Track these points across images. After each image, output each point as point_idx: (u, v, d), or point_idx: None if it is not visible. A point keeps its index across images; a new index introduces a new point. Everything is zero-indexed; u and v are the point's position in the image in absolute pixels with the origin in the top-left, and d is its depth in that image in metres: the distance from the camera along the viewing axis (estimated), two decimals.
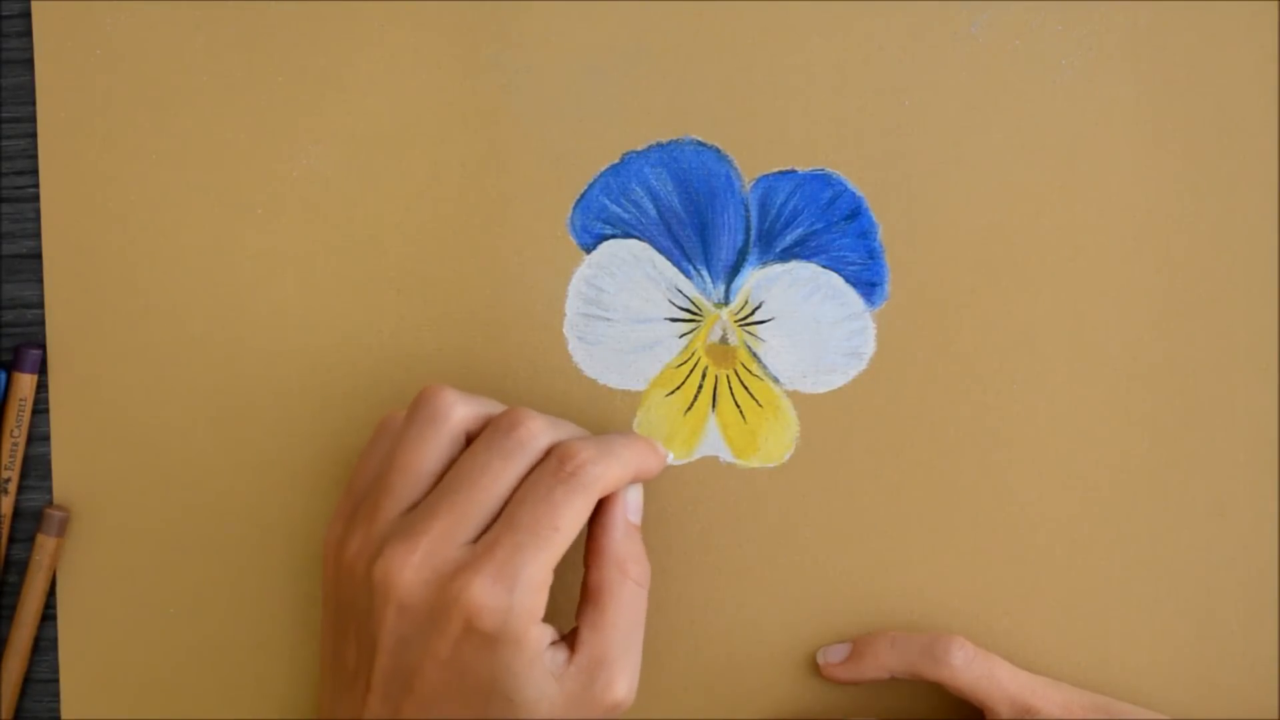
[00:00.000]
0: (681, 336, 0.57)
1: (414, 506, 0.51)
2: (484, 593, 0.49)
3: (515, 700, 0.49)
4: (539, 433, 0.51)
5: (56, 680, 0.57)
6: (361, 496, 0.52)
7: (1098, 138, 0.56)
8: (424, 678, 0.49)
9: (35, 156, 0.57)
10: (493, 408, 0.53)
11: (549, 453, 0.51)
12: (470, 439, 0.52)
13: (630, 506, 0.53)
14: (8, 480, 0.57)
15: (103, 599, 0.57)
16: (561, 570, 0.51)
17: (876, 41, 0.56)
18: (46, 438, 0.57)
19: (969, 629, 0.56)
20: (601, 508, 0.53)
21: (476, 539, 0.50)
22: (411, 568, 0.49)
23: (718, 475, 0.57)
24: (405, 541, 0.50)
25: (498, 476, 0.50)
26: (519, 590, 0.49)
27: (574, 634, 0.51)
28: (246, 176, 0.57)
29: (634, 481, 0.53)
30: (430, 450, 0.51)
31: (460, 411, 0.52)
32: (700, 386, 0.57)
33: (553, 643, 0.50)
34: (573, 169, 0.56)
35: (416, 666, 0.49)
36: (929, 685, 0.56)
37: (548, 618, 0.50)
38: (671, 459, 0.56)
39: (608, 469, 0.51)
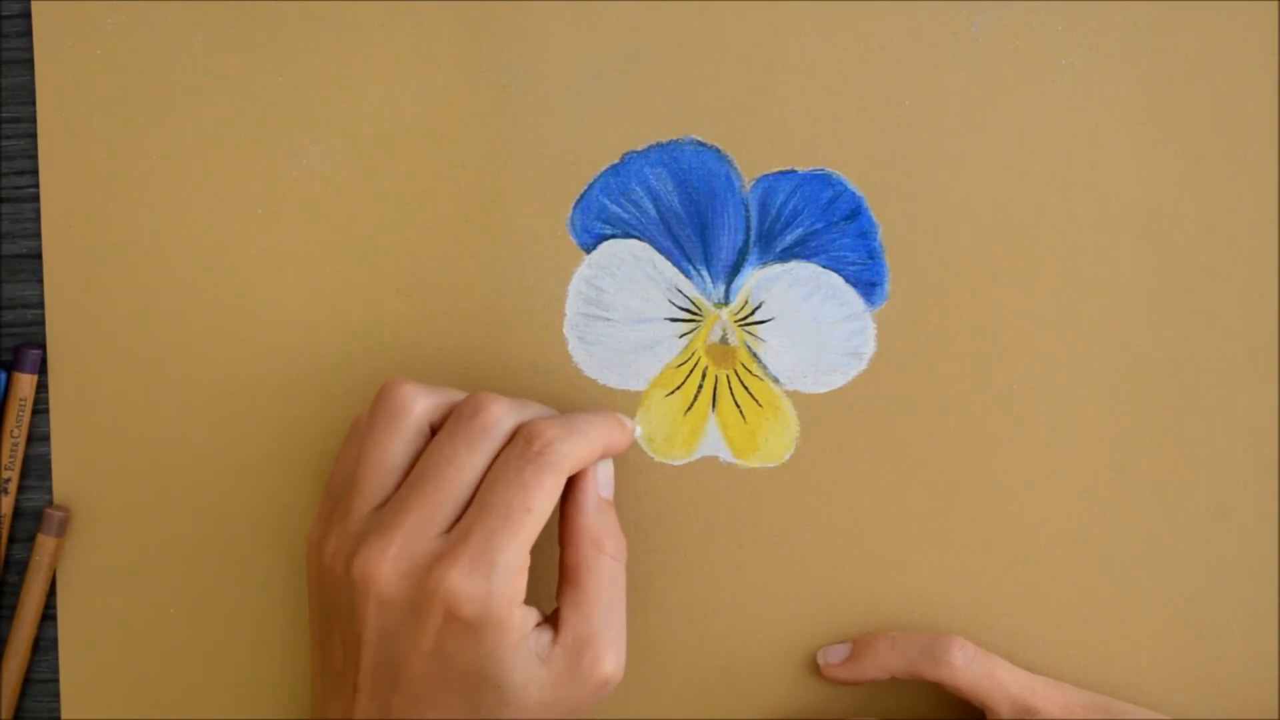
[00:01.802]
0: (681, 336, 0.57)
1: (386, 502, 0.51)
2: (462, 581, 0.49)
3: (504, 686, 0.49)
4: (502, 416, 0.51)
5: (56, 680, 0.57)
6: (337, 496, 0.53)
7: (1098, 138, 0.56)
8: (410, 671, 0.49)
9: (35, 156, 0.57)
10: (454, 396, 0.53)
11: (515, 434, 0.51)
12: (435, 429, 0.52)
13: (601, 481, 0.53)
14: (8, 480, 0.57)
15: (103, 599, 0.57)
16: (537, 552, 0.51)
17: (876, 41, 0.56)
18: (46, 438, 0.57)
19: (969, 629, 0.56)
20: (572, 485, 0.53)
21: (450, 528, 0.50)
22: (388, 562, 0.49)
23: (718, 475, 0.57)
24: (380, 537, 0.50)
25: (465, 464, 0.50)
26: (497, 575, 0.49)
27: (556, 615, 0.51)
28: (246, 176, 0.57)
29: (603, 457, 0.53)
30: (395, 445, 0.51)
31: (421, 404, 0.52)
32: (700, 386, 0.57)
33: (536, 625, 0.50)
34: (573, 169, 0.56)
35: (402, 661, 0.49)
36: (929, 685, 0.56)
37: (527, 600, 0.50)
38: (640, 433, 0.56)
39: (575, 446, 0.51)
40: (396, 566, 0.49)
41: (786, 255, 0.56)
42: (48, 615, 0.57)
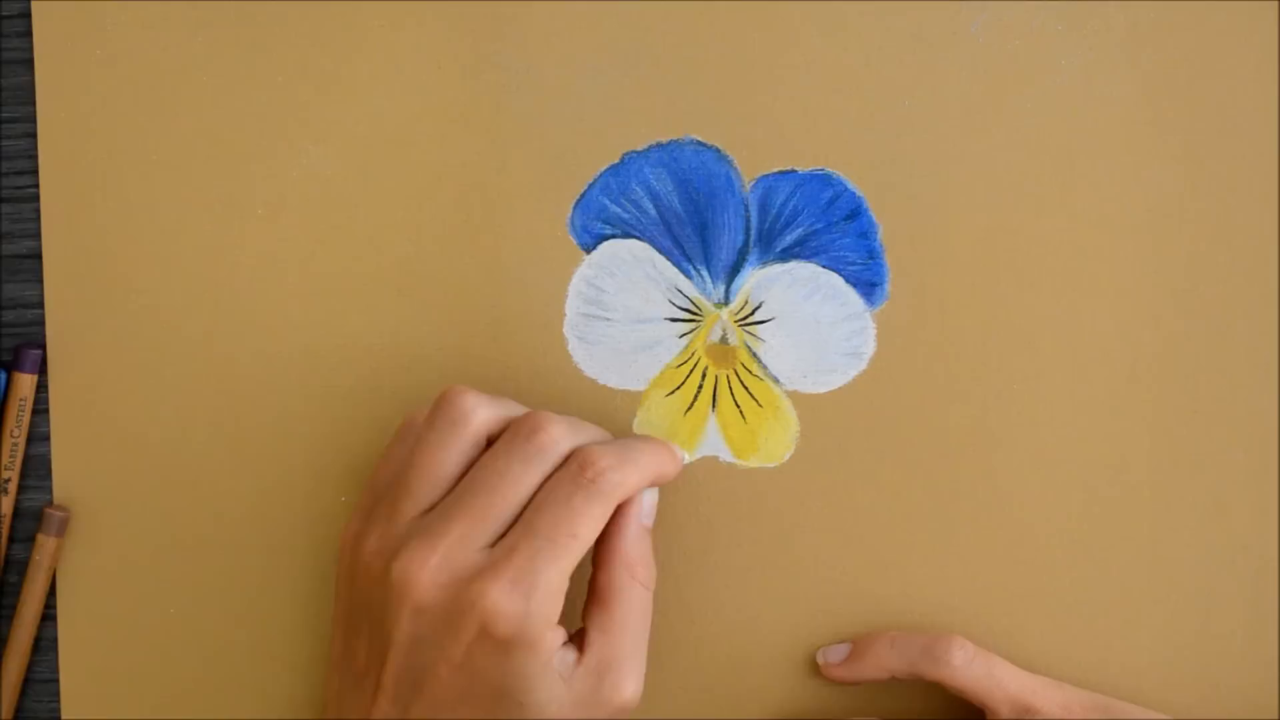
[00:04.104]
0: (681, 336, 0.57)
1: (432, 508, 0.51)
2: (501, 598, 0.49)
3: (525, 703, 0.49)
4: (559, 438, 0.51)
5: (56, 680, 0.57)
6: (381, 494, 0.52)
7: (1098, 138, 0.56)
8: (436, 679, 0.49)
9: (35, 156, 0.57)
10: (514, 410, 0.53)
11: (569, 458, 0.51)
12: (491, 441, 0.52)
13: (645, 509, 0.53)
14: (8, 480, 0.57)
15: (103, 599, 0.57)
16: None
17: (876, 41, 0.56)
18: (46, 438, 0.57)
19: (969, 629, 0.56)
20: (616, 510, 0.52)
21: (495, 543, 0.50)
22: (429, 570, 0.49)
23: (718, 475, 0.57)
24: (424, 543, 0.50)
25: (517, 481, 0.50)
26: (536, 597, 0.49)
27: (581, 635, 0.51)
28: (246, 177, 0.57)
29: (651, 486, 0.53)
30: (450, 453, 0.51)
31: (482, 415, 0.52)
32: (700, 386, 0.57)
33: (561, 644, 0.50)
34: (573, 169, 0.56)
35: (429, 668, 0.49)
36: (929, 685, 0.56)
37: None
38: (687, 460, 0.56)
39: (627, 476, 0.51)
40: (437, 576, 0.49)
41: (786, 255, 0.56)
42: (48, 615, 0.57)
